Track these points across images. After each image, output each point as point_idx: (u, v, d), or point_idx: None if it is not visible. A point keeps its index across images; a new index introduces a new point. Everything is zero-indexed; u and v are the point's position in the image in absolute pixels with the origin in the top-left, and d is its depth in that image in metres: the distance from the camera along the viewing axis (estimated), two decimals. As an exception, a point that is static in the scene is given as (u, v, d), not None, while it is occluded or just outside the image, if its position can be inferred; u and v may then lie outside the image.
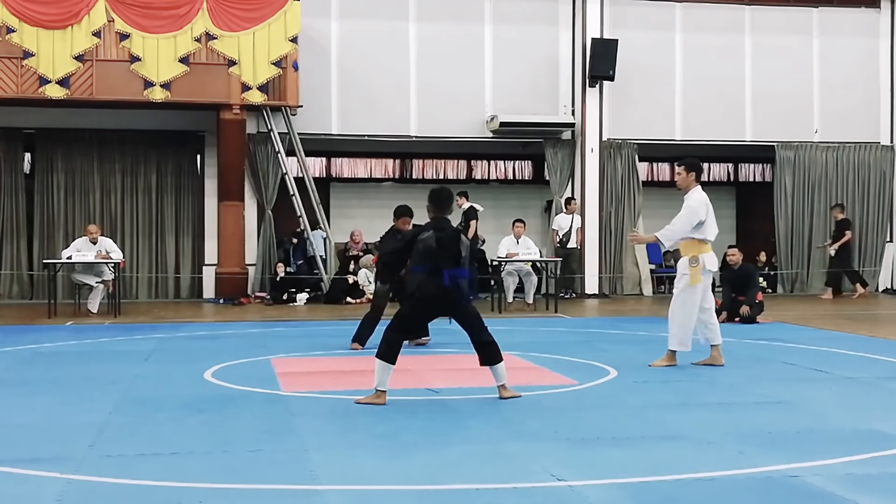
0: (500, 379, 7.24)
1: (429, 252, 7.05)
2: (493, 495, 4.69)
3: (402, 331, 7.24)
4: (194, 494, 4.70)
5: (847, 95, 19.35)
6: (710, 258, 8.80)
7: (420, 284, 7.09)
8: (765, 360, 9.53)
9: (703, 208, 8.73)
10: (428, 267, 7.07)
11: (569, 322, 13.82)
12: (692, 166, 8.97)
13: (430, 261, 7.05)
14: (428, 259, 7.06)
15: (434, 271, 7.05)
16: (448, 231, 7.21)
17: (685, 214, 8.76)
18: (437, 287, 7.05)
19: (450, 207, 7.42)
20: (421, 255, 7.09)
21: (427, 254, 7.06)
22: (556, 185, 18.70)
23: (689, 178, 8.92)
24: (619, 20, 18.51)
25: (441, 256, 7.07)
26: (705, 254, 8.74)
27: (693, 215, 8.69)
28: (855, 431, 6.14)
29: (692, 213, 8.71)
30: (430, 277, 7.05)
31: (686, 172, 8.94)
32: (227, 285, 16.85)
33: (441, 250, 7.07)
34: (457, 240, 7.18)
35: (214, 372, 8.58)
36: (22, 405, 7.08)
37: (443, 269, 7.06)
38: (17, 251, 17.40)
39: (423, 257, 7.08)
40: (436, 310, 7.34)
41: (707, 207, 8.75)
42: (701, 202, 8.75)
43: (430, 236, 7.09)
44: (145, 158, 17.73)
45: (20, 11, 15.54)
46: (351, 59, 17.80)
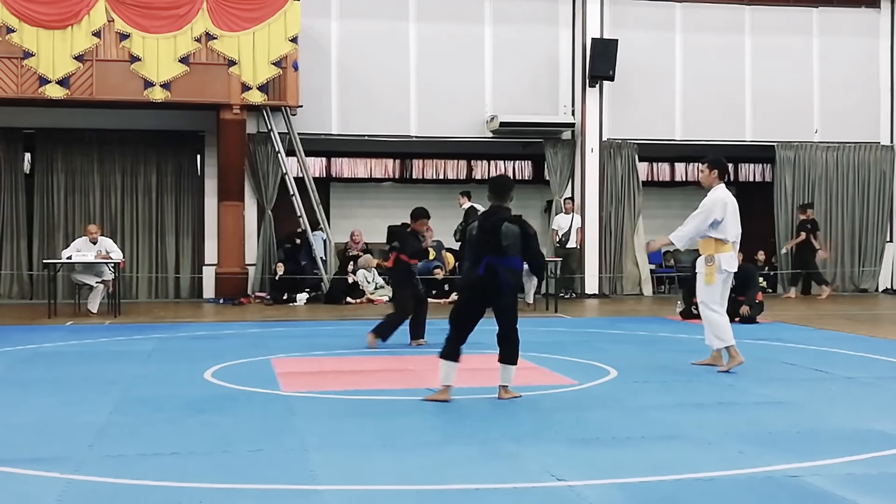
0: (505, 380, 7.27)
1: (471, 242, 7.26)
2: (493, 495, 4.68)
3: (452, 324, 7.20)
4: (194, 494, 4.70)
5: (847, 95, 19.35)
6: (728, 258, 8.61)
7: (464, 274, 7.54)
8: (765, 360, 9.53)
9: (720, 207, 8.53)
10: (471, 257, 7.26)
11: (569, 322, 13.83)
12: (715, 164, 8.82)
13: (473, 251, 7.23)
14: (471, 249, 7.27)
15: (475, 261, 7.16)
16: (493, 219, 7.19)
17: (699, 213, 8.63)
18: (473, 276, 7.16)
19: (507, 195, 7.36)
20: (468, 246, 7.39)
21: (470, 244, 7.28)
22: (556, 185, 18.70)
23: (711, 176, 8.78)
24: (619, 20, 18.52)
25: (481, 245, 7.14)
26: (723, 253, 8.56)
27: (707, 214, 8.55)
28: (855, 431, 6.14)
29: (706, 212, 8.57)
30: (472, 267, 7.21)
31: (709, 170, 8.80)
32: (227, 285, 16.85)
33: (481, 239, 7.15)
34: (498, 227, 7.10)
35: (214, 372, 8.58)
36: (22, 405, 7.07)
37: (482, 257, 7.11)
38: (17, 251, 17.40)
39: (468, 248, 7.36)
40: (475, 299, 7.23)
41: (725, 206, 8.55)
42: (717, 201, 8.58)
43: (475, 226, 7.26)
44: (145, 158, 17.73)
45: (20, 11, 15.54)
46: (351, 59, 17.80)
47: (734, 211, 8.64)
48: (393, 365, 9.25)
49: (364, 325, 13.12)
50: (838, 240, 19.41)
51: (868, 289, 19.46)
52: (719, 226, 8.53)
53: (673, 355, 9.86)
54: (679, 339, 11.52)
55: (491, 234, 7.12)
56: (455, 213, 17.99)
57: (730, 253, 8.61)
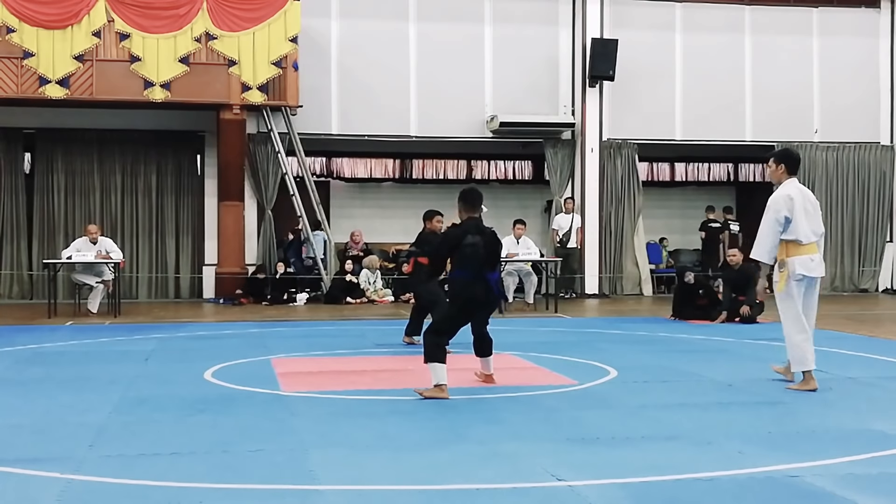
0: (490, 368, 7.78)
1: (475, 257, 7.30)
2: (493, 495, 4.68)
3: (444, 334, 7.38)
4: (194, 494, 4.70)
5: (847, 95, 19.36)
6: (803, 262, 7.54)
7: (465, 288, 7.34)
8: (765, 360, 9.52)
9: (785, 203, 7.51)
10: (472, 271, 7.31)
11: (569, 322, 13.82)
12: (781, 157, 7.81)
13: (475, 265, 7.30)
14: (473, 263, 7.30)
15: (478, 276, 7.31)
16: (488, 234, 7.47)
17: (765, 216, 7.63)
18: (485, 292, 7.36)
19: (480, 207, 7.58)
20: (467, 259, 7.31)
21: (473, 258, 7.30)
22: (556, 185, 18.70)
23: (778, 171, 7.75)
24: (619, 20, 18.52)
25: (485, 261, 7.36)
26: (796, 256, 7.54)
27: (775, 214, 7.53)
28: (855, 431, 6.14)
29: (771, 211, 7.56)
30: (476, 282, 7.30)
31: (775, 164, 7.79)
32: (227, 285, 16.85)
33: (486, 255, 7.35)
34: (496, 243, 7.53)
35: (214, 372, 8.58)
36: (22, 405, 7.07)
37: (485, 273, 7.35)
38: (17, 251, 17.40)
39: (468, 262, 7.31)
40: (473, 312, 7.51)
41: (791, 202, 7.50)
42: (781, 198, 7.55)
43: (479, 241, 7.32)
44: (145, 158, 17.74)
45: (20, 11, 15.54)
46: (351, 59, 17.80)
47: (805, 206, 7.59)
48: (393, 365, 9.25)
49: (364, 325, 13.17)
50: (838, 240, 19.42)
51: (868, 289, 19.46)
52: (790, 225, 7.51)
53: (673, 355, 9.86)
54: (679, 338, 11.52)
55: (493, 251, 7.45)
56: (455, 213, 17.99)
57: (805, 256, 7.54)
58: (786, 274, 7.52)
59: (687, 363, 9.20)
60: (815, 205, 7.73)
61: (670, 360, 9.39)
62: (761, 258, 7.64)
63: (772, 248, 7.57)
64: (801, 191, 7.67)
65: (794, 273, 7.50)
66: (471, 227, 7.43)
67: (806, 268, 7.53)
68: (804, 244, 7.54)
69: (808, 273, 7.53)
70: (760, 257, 7.64)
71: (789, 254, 7.54)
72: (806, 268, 7.53)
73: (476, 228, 7.43)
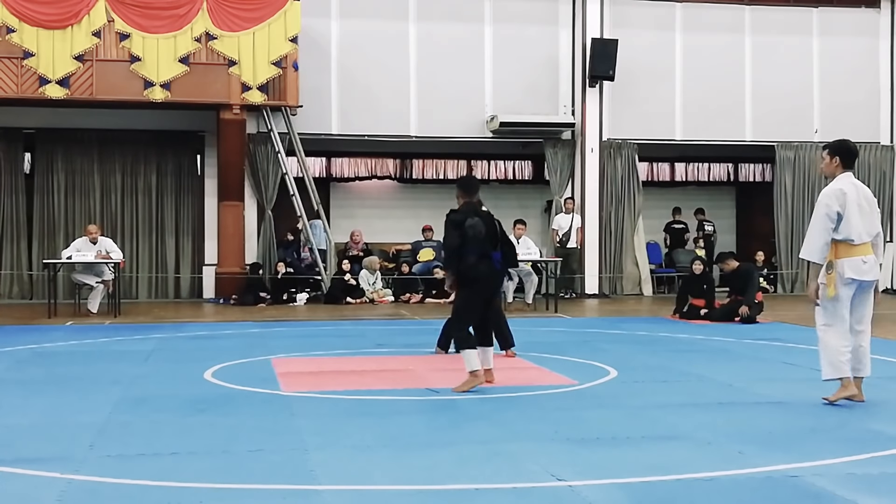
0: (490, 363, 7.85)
1: (477, 238, 7.57)
2: (493, 495, 4.68)
3: (465, 320, 7.66)
4: (194, 494, 4.70)
5: (847, 95, 19.35)
6: (854, 264, 6.90)
7: (472, 268, 7.56)
8: (765, 360, 9.54)
9: (837, 199, 6.88)
10: (477, 251, 7.57)
11: (569, 322, 13.82)
12: (836, 149, 7.15)
13: (479, 245, 7.58)
14: (476, 244, 7.57)
15: (483, 255, 7.60)
16: (485, 215, 7.82)
17: (815, 211, 7.01)
18: (491, 269, 7.69)
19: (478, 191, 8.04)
20: (470, 240, 7.56)
21: (476, 239, 7.57)
22: (556, 185, 18.70)
23: (832, 164, 7.10)
24: (619, 20, 18.51)
25: (487, 241, 7.65)
26: (846, 259, 6.90)
27: (825, 209, 6.89)
28: (855, 431, 6.14)
29: (822, 206, 6.92)
30: (480, 261, 7.58)
31: (830, 157, 7.14)
32: (227, 285, 16.85)
33: (487, 235, 7.65)
34: (494, 223, 7.83)
35: (214, 372, 8.58)
36: (22, 405, 7.07)
37: (490, 252, 7.67)
38: (17, 251, 17.40)
39: (471, 242, 7.56)
40: (489, 291, 7.84)
41: (844, 197, 6.87)
42: (832, 192, 6.92)
43: (478, 222, 7.62)
44: (145, 158, 17.73)
45: (20, 11, 15.53)
46: (351, 59, 17.79)
47: (860, 203, 6.96)
48: (393, 365, 9.25)
49: (364, 325, 13.17)
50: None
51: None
52: (841, 223, 6.87)
53: (673, 355, 9.87)
54: (679, 338, 11.52)
55: (492, 231, 7.74)
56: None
57: (855, 258, 6.91)
58: (834, 277, 6.90)
59: (687, 363, 9.20)
60: (872, 202, 7.11)
61: (670, 360, 9.39)
62: (811, 258, 6.96)
63: (823, 246, 6.88)
64: (856, 186, 7.05)
65: (842, 276, 6.90)
66: (469, 211, 7.72)
67: (857, 271, 6.91)
68: (856, 244, 6.89)
69: (858, 276, 6.92)
70: (810, 257, 6.96)
71: (839, 255, 6.90)
72: (857, 271, 6.91)
73: (474, 211, 7.74)
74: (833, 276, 6.90)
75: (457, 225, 7.62)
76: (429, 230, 18.41)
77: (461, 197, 7.89)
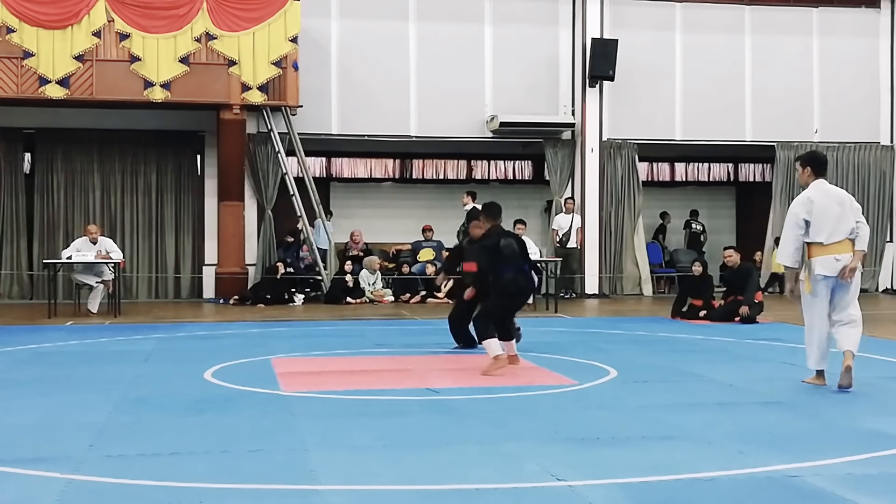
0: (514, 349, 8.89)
1: (514, 255, 8.73)
2: (493, 495, 4.68)
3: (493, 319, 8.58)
4: (194, 494, 4.70)
5: (847, 95, 19.35)
6: (825, 261, 7.49)
7: (510, 282, 8.65)
8: (765, 360, 9.54)
9: (804, 206, 7.50)
10: (514, 267, 8.70)
11: (569, 322, 13.82)
12: (807, 160, 7.78)
13: (515, 262, 8.74)
14: (513, 260, 8.71)
15: (519, 270, 8.77)
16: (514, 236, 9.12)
17: (786, 221, 7.68)
18: (529, 282, 8.96)
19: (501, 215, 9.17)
20: (508, 258, 8.68)
21: (513, 256, 8.72)
22: (556, 185, 18.70)
23: (805, 174, 7.71)
24: (619, 20, 18.51)
25: (520, 257, 8.83)
26: (818, 257, 7.51)
27: (794, 217, 7.53)
28: (855, 431, 6.14)
29: (791, 215, 7.58)
30: (519, 274, 8.74)
31: (801, 167, 7.77)
32: (227, 285, 16.85)
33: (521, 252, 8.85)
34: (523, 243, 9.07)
35: (214, 372, 8.58)
36: (22, 405, 7.07)
37: (523, 267, 8.86)
38: (17, 251, 17.40)
39: (510, 260, 8.69)
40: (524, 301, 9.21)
41: (810, 204, 7.49)
42: (799, 202, 7.57)
43: (512, 242, 8.81)
44: (145, 158, 17.74)
45: (20, 11, 15.54)
46: (351, 59, 17.80)
47: (828, 206, 7.53)
48: (393, 365, 9.25)
49: (364, 325, 13.17)
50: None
51: (868, 289, 19.44)
52: (809, 228, 7.50)
53: (673, 355, 9.86)
54: (679, 338, 11.52)
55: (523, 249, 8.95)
56: (456, 214, 17.99)
57: (829, 256, 7.48)
58: (808, 276, 7.59)
59: (687, 363, 9.20)
60: (845, 202, 7.61)
61: (670, 360, 9.39)
62: (784, 262, 7.69)
63: (794, 251, 7.57)
64: (825, 191, 7.60)
65: (814, 273, 7.53)
66: (499, 233, 8.86)
67: (828, 268, 7.48)
68: (826, 245, 7.49)
69: (829, 273, 7.48)
70: (784, 261, 7.70)
71: (812, 255, 7.56)
72: (828, 268, 7.48)
73: (502, 233, 8.91)
74: (807, 274, 7.64)
75: (492, 248, 8.67)
76: (429, 230, 18.41)
77: (488, 221, 8.99)
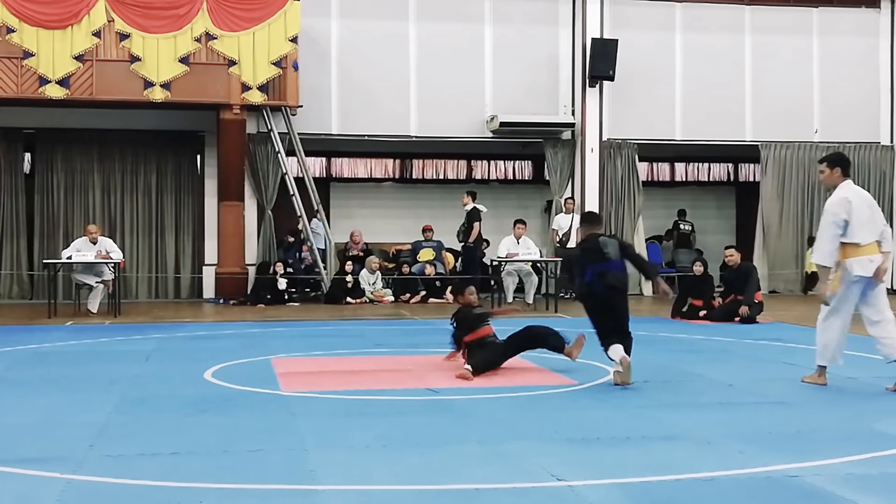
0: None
1: (578, 263, 8.25)
2: (493, 495, 4.68)
3: (604, 334, 8.10)
4: (194, 494, 4.70)
5: (847, 95, 19.34)
6: (861, 262, 7.51)
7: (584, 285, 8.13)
8: (765, 360, 9.54)
9: (843, 206, 7.53)
10: (578, 274, 8.19)
11: (569, 322, 13.79)
12: (835, 161, 7.83)
13: (579, 268, 8.18)
14: (578, 268, 8.21)
15: (581, 275, 8.15)
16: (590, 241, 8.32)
17: (823, 220, 7.68)
18: (582, 286, 8.21)
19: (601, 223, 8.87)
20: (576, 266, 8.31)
21: (577, 264, 8.24)
22: (556, 185, 18.70)
23: (833, 175, 7.76)
24: (619, 20, 18.51)
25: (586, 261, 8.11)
26: (854, 258, 7.52)
27: (833, 217, 7.53)
28: (855, 431, 6.14)
29: (830, 215, 7.58)
30: (579, 281, 8.22)
31: (829, 169, 7.79)
32: (227, 285, 16.85)
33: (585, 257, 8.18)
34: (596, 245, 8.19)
35: (214, 372, 8.58)
36: (22, 405, 7.07)
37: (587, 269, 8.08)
38: (17, 251, 17.40)
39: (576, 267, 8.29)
40: (593, 306, 8.21)
41: (849, 204, 7.53)
42: (838, 201, 7.57)
43: (577, 251, 8.43)
44: (145, 158, 17.73)
45: (20, 11, 15.53)
46: (351, 59, 17.80)
47: (862, 207, 7.60)
48: (393, 365, 9.25)
49: (364, 326, 13.17)
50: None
51: (868, 289, 19.43)
52: (848, 228, 7.52)
53: (673, 355, 9.86)
54: (679, 338, 11.52)
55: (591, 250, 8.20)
56: (455, 214, 18.03)
57: (862, 257, 7.52)
58: (839, 275, 7.55)
59: (687, 363, 9.20)
60: (872, 204, 7.74)
61: (670, 360, 9.38)
62: (822, 262, 7.61)
63: (832, 251, 7.56)
64: (857, 192, 7.70)
65: (851, 274, 7.52)
66: (592, 240, 8.25)
67: (865, 268, 7.52)
68: (862, 245, 7.54)
69: (865, 274, 7.52)
70: (821, 261, 7.62)
71: (847, 255, 7.54)
72: (865, 268, 7.52)
73: (598, 243, 8.18)
74: (838, 274, 7.56)
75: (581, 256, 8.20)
76: (429, 230, 18.41)
77: (588, 229, 8.41)
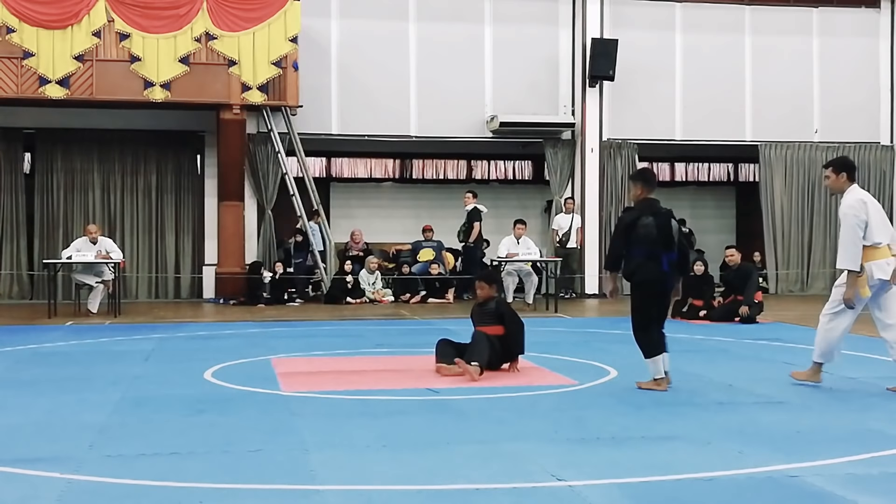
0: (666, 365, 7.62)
1: (648, 238, 7.42)
2: (493, 495, 4.68)
3: (646, 326, 7.56)
4: (194, 494, 4.70)
5: (847, 95, 19.35)
6: (881, 266, 7.45)
7: (638, 268, 7.47)
8: (765, 360, 9.54)
9: (861, 208, 7.45)
10: (645, 252, 7.44)
11: (569, 322, 13.82)
12: (840, 166, 7.72)
13: (648, 246, 7.43)
14: (646, 244, 7.43)
15: (651, 255, 7.43)
16: (662, 215, 7.57)
17: (844, 224, 7.52)
18: (657, 271, 7.45)
19: (656, 186, 7.84)
20: (641, 239, 7.43)
21: (646, 239, 7.42)
22: (556, 185, 18.70)
23: (839, 180, 7.66)
24: (619, 20, 18.51)
25: (658, 241, 7.44)
26: (874, 262, 7.44)
27: (855, 219, 7.43)
28: (855, 431, 6.14)
29: (850, 217, 7.45)
30: (648, 262, 7.43)
31: (835, 174, 7.68)
32: (227, 285, 16.85)
33: (659, 236, 7.44)
34: (669, 224, 7.55)
35: (214, 372, 8.58)
36: (22, 405, 7.07)
37: (660, 253, 7.44)
38: (17, 251, 17.41)
39: (642, 242, 7.43)
40: (657, 294, 7.57)
41: (866, 206, 7.46)
42: (856, 202, 7.47)
43: (651, 222, 7.44)
44: (145, 158, 17.74)
45: (20, 11, 15.54)
46: (351, 59, 17.80)
47: (876, 209, 7.56)
48: (393, 365, 9.25)
49: (364, 325, 13.17)
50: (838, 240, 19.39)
51: (868, 289, 19.42)
52: (867, 230, 7.44)
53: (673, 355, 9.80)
54: (679, 338, 11.50)
55: (666, 232, 7.49)
56: (455, 214, 18.02)
57: (882, 260, 7.47)
58: (865, 279, 7.43)
59: (687, 363, 9.19)
60: (881, 207, 7.71)
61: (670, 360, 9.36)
62: (851, 266, 7.41)
63: (858, 254, 7.40)
64: (866, 195, 7.65)
65: (871, 278, 7.42)
66: (645, 208, 7.58)
67: (885, 271, 7.44)
68: (880, 247, 7.48)
69: (884, 276, 7.44)
70: (850, 266, 7.41)
71: (867, 259, 7.43)
72: (885, 271, 7.44)
73: (650, 208, 7.57)
74: (864, 278, 7.42)
75: (628, 226, 7.50)
76: (429, 230, 18.41)
77: (641, 191, 7.72)
